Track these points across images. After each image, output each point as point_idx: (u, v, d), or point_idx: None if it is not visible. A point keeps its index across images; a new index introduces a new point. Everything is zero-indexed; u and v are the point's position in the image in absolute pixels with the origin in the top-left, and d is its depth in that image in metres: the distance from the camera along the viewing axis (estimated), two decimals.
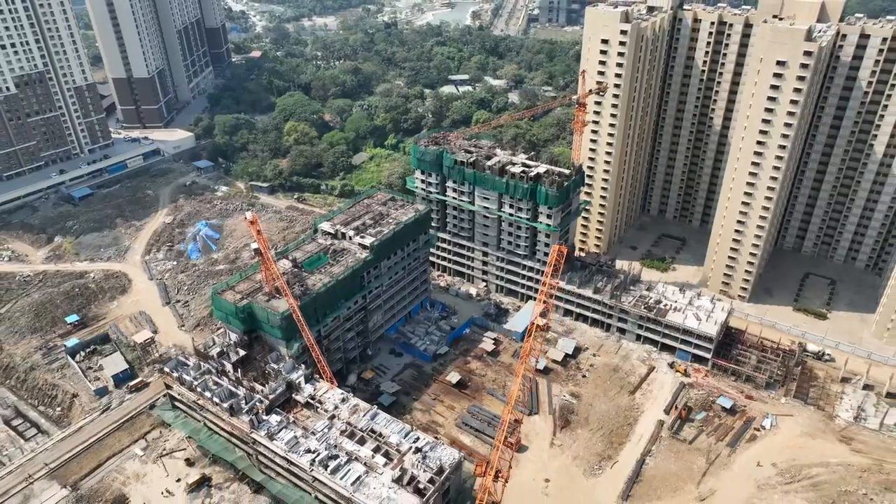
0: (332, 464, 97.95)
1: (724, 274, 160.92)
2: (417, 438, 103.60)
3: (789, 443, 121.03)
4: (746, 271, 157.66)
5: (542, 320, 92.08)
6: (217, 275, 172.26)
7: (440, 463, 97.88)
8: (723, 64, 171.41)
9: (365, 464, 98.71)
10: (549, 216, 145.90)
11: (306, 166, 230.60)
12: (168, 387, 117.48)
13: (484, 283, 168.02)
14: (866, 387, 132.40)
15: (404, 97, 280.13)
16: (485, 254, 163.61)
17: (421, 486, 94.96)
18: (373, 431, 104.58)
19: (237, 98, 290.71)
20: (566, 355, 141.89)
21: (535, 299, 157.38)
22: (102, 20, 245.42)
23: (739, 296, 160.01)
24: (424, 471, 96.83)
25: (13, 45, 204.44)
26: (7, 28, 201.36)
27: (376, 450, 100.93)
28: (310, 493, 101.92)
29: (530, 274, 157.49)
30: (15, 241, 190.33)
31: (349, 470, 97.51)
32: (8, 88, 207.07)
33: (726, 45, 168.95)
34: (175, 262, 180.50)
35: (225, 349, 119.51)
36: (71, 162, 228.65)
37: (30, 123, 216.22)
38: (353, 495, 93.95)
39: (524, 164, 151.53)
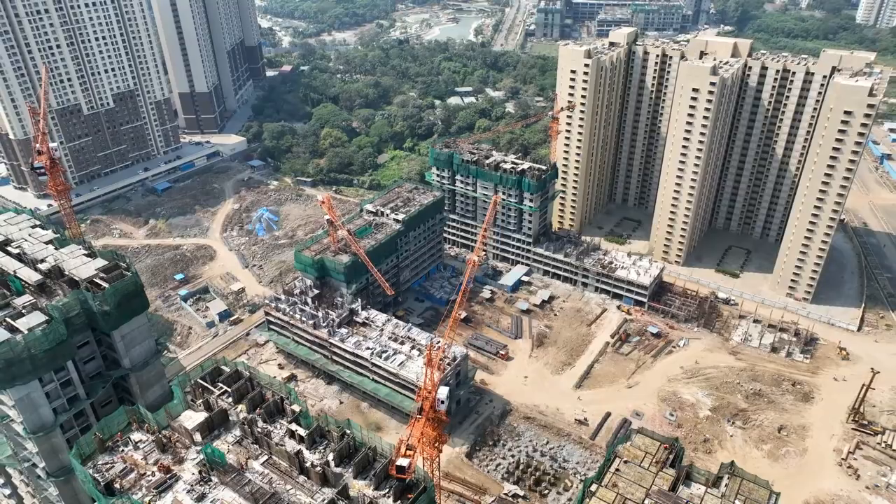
0: (384, 355, 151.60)
1: (664, 245, 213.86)
2: (439, 340, 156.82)
3: (694, 355, 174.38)
4: (680, 243, 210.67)
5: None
6: (280, 247, 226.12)
7: (454, 354, 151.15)
8: (666, 86, 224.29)
9: (405, 355, 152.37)
10: (531, 200, 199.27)
11: (340, 165, 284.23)
12: (268, 314, 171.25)
13: (484, 252, 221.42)
14: (756, 321, 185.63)
15: (418, 107, 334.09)
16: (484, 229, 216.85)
17: (441, 367, 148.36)
18: (409, 337, 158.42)
19: (277, 108, 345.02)
20: (543, 301, 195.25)
21: (521, 263, 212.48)
22: (172, 46, 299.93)
23: (675, 261, 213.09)
24: (443, 359, 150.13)
25: (113, 69, 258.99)
26: (109, 55, 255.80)
27: (412, 348, 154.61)
28: (368, 377, 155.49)
29: (518, 244, 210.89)
30: (119, 223, 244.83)
31: (395, 358, 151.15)
32: (108, 103, 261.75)
33: (668, 71, 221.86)
34: (246, 238, 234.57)
35: (304, 290, 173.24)
36: (151, 161, 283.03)
37: (122, 131, 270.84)
38: (399, 372, 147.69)
39: (513, 162, 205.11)
